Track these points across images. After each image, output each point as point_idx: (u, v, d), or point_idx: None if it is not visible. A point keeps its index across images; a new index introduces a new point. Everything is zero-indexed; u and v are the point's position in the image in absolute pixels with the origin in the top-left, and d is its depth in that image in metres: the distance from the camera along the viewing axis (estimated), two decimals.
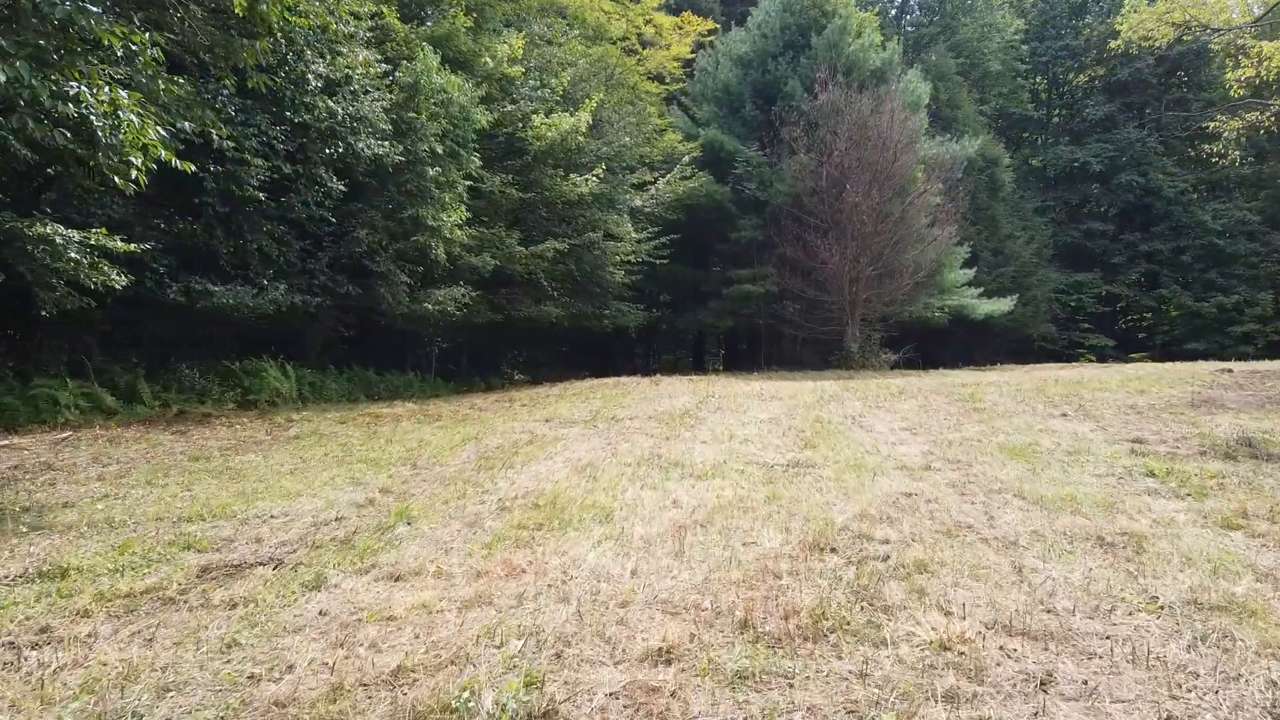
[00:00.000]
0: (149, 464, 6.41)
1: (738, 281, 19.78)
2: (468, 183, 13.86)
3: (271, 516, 4.60)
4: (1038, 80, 36.43)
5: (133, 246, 7.82)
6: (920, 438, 6.80)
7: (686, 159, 18.77)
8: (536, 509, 4.56)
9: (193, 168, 6.83)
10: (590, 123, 16.05)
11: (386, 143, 11.48)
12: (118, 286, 7.92)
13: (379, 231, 12.25)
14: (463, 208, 13.21)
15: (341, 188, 11.13)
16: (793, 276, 19.62)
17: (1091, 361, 32.96)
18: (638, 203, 18.10)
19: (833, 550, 3.65)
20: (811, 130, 19.44)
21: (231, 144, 8.87)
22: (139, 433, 8.09)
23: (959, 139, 23.07)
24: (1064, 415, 7.71)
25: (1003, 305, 22.12)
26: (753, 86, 21.34)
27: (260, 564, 3.67)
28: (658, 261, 18.06)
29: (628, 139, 16.33)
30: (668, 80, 23.34)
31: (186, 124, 7.49)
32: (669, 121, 20.98)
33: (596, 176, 15.25)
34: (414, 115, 12.34)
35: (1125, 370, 13.61)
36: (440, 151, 12.65)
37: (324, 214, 11.06)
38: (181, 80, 7.98)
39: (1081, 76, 34.77)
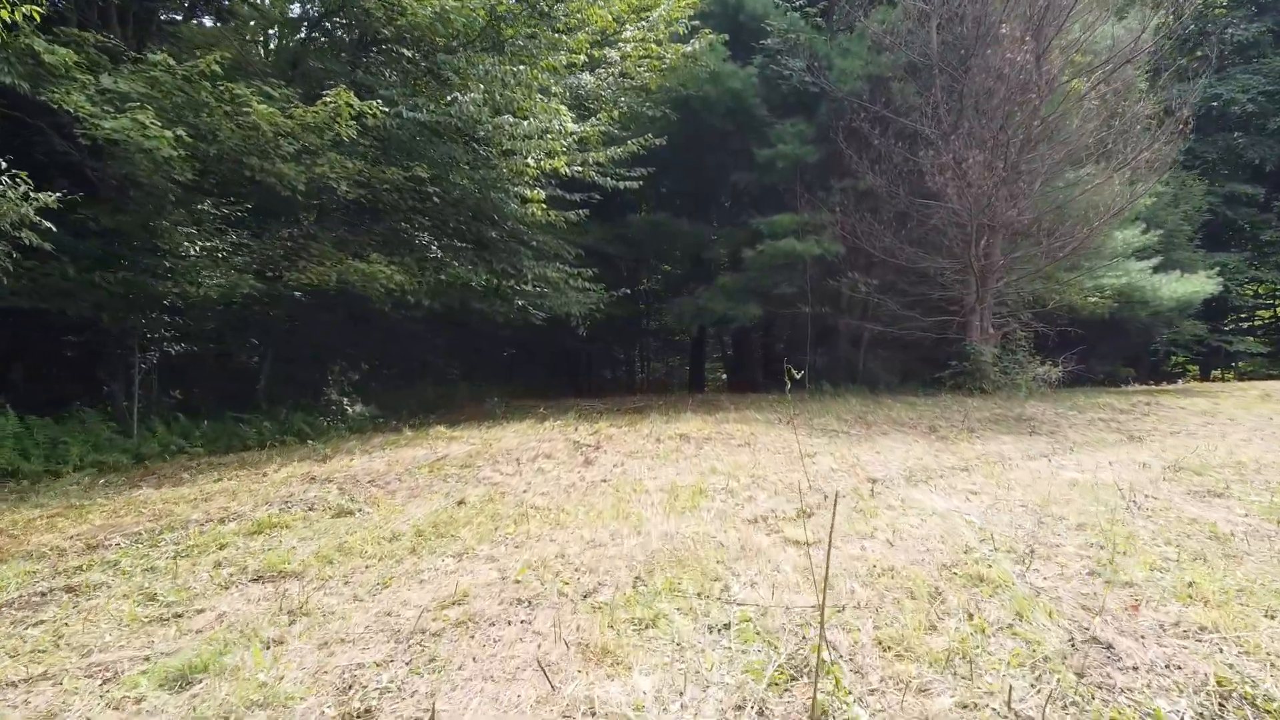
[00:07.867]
0: None
1: (772, 234, 10.98)
2: None
3: None
4: None
5: None
6: None
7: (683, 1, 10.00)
8: None
9: None
10: None
11: None
12: None
13: None
14: None
15: None
16: (870, 226, 10.91)
17: (1194, 377, 24.22)
18: (585, 77, 9.34)
19: None
20: None
21: None
22: None
23: (1120, 19, 14.39)
24: None
25: (1206, 285, 13.28)
26: None
27: None
28: (623, 185, 9.29)
29: None
30: None
31: None
32: None
33: None
34: None
35: None
36: None
37: None
38: None
39: None
